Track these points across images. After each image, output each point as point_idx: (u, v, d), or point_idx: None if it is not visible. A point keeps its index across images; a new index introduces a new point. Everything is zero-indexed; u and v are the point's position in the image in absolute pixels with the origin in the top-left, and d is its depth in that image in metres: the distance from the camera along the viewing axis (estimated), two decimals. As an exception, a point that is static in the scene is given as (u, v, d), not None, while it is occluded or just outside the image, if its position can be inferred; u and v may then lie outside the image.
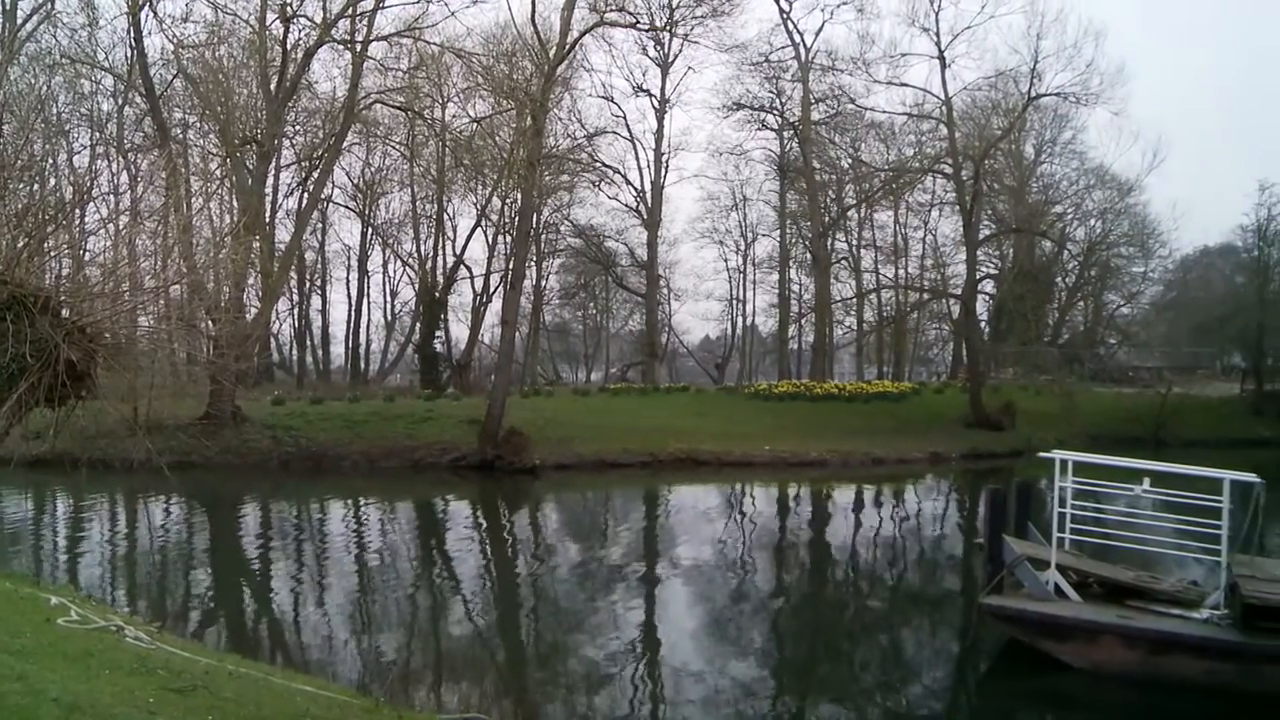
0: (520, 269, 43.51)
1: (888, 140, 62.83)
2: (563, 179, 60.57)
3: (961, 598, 17.85)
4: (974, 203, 50.41)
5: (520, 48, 42.88)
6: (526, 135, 38.57)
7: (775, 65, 58.35)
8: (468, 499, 32.33)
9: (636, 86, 62.83)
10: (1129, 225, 64.23)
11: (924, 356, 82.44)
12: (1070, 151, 66.42)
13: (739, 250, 78.04)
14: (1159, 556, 16.57)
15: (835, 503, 32.94)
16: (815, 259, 60.93)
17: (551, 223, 66.95)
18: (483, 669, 13.97)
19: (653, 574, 20.63)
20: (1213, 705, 11.92)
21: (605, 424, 41.15)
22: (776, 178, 67.16)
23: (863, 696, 12.78)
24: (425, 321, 61.15)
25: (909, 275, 73.24)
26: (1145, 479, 13.87)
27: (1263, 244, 57.60)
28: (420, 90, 44.15)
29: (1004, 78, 51.59)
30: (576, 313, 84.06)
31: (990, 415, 47.32)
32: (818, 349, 61.74)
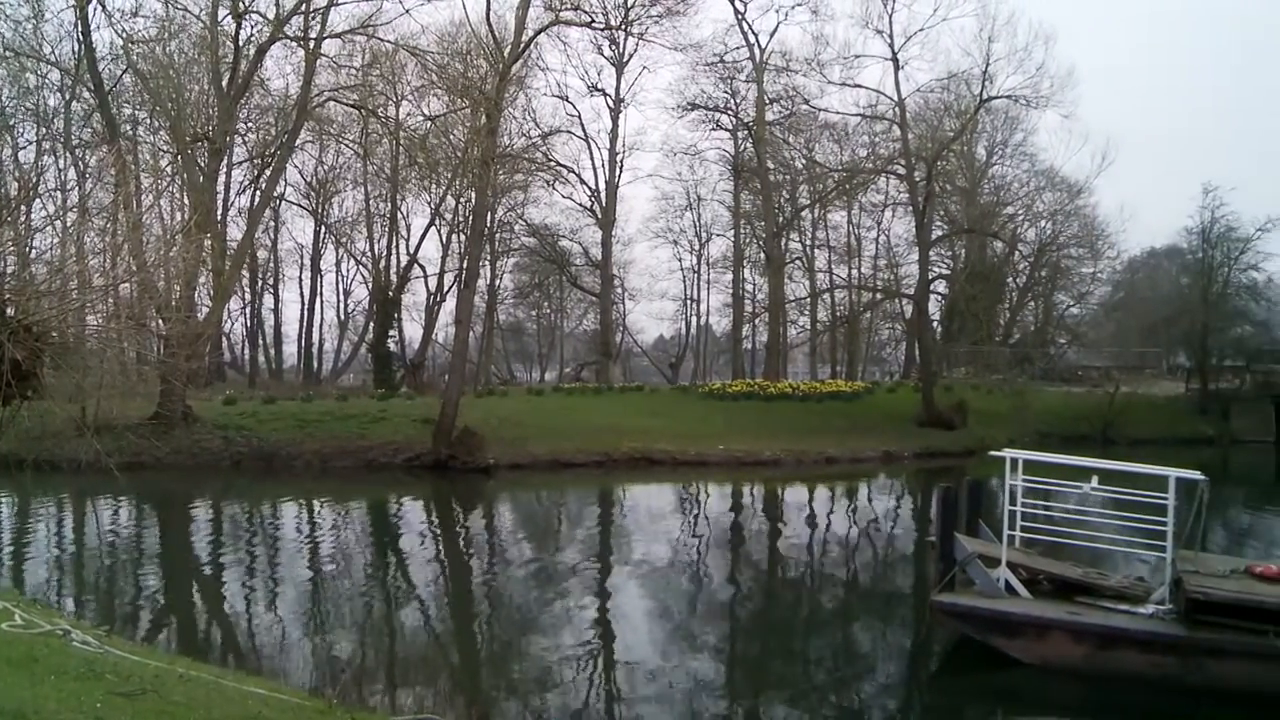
0: (474, 268, 43.37)
1: (841, 141, 63.21)
2: (517, 178, 60.42)
3: (914, 595, 17.99)
4: (926, 203, 50.82)
5: (475, 46, 42.78)
6: (481, 134, 38.42)
7: (730, 66, 58.52)
8: (421, 499, 32.20)
9: (591, 86, 62.84)
10: (1078, 227, 65.03)
11: (877, 356, 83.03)
12: (1021, 153, 67.23)
13: (693, 250, 78.20)
14: (1107, 553, 16.77)
15: (789, 502, 33.10)
16: (769, 259, 61.16)
17: (506, 222, 66.80)
18: (437, 669, 13.93)
19: (607, 573, 20.63)
20: (1157, 698, 12.09)
21: (559, 423, 41.11)
22: (731, 178, 67.34)
23: (816, 693, 12.84)
24: (379, 321, 60.84)
25: (862, 275, 73.77)
26: (1093, 477, 14.05)
27: (1206, 246, 58.50)
28: (374, 88, 43.92)
29: (956, 80, 52.05)
30: (531, 312, 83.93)
31: (942, 414, 47.69)
32: (771, 348, 61.93)
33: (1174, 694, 11.93)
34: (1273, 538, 27.12)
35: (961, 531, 14.39)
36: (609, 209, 63.77)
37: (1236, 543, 24.47)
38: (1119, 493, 14.36)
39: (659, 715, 11.76)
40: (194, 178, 38.14)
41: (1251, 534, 27.34)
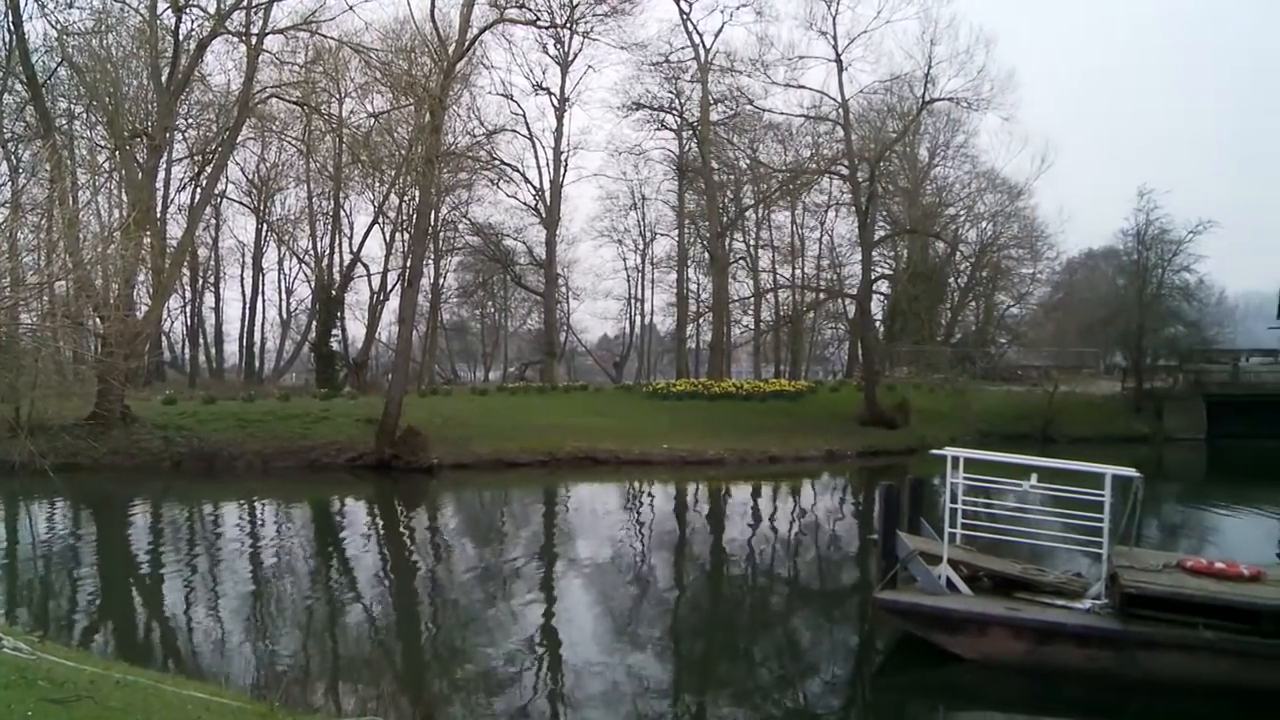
0: (418, 267, 43.08)
1: (785, 141, 63.55)
2: (461, 176, 60.33)
3: (857, 593, 18.12)
4: (869, 204, 51.19)
5: (419, 44, 42.44)
6: (425, 132, 38.21)
7: (675, 65, 58.66)
8: (364, 499, 31.97)
9: (536, 85, 62.77)
10: (1018, 228, 65.96)
11: (820, 355, 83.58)
12: (963, 155, 68.07)
13: (637, 249, 78.28)
14: (1046, 549, 17.02)
15: (733, 500, 33.21)
16: (713, 258, 61.32)
17: (450, 220, 66.60)
18: (381, 671, 13.83)
19: (552, 572, 20.60)
20: (1093, 691, 12.29)
21: (503, 423, 41.00)
22: (675, 177, 67.53)
23: (761, 691, 12.90)
24: (321, 320, 60.28)
25: (806, 275, 74.18)
26: (1033, 475, 14.24)
27: (1142, 248, 59.36)
28: (317, 85, 43.42)
29: (899, 82, 52.45)
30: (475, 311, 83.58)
31: (885, 413, 48.07)
32: (715, 348, 62.11)
33: (1110, 687, 12.14)
34: (1204, 532, 27.64)
35: (903, 529, 14.52)
36: (553, 208, 63.76)
37: (1170, 538, 24.91)
38: (1057, 490, 14.58)
39: (604, 714, 11.76)
40: (132, 174, 37.59)
41: (1184, 529, 27.86)
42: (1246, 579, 12.85)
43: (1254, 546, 24.63)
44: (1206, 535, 27.13)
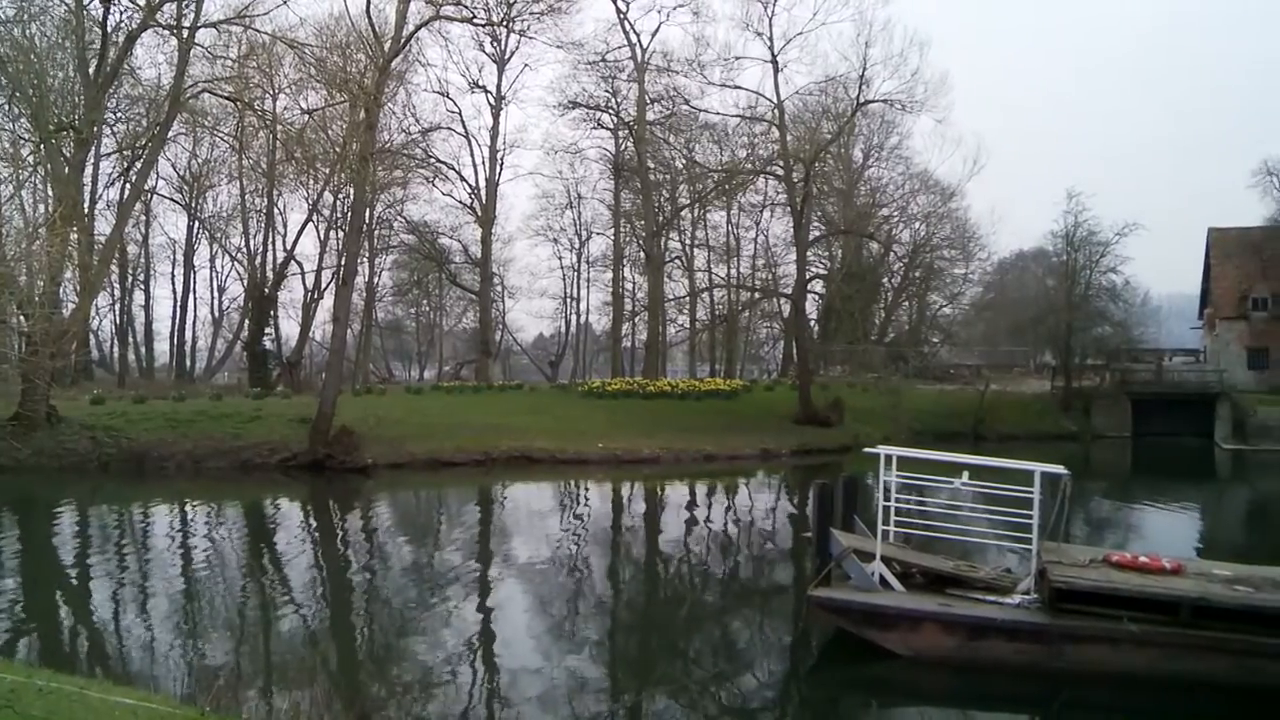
0: (352, 265, 42.74)
1: (721, 141, 63.75)
2: (396, 174, 59.93)
3: (792, 590, 18.25)
4: (804, 204, 51.55)
5: (354, 40, 42.18)
6: (360, 129, 37.90)
7: (611, 65, 58.64)
8: (298, 499, 31.66)
9: (472, 83, 62.42)
10: (951, 229, 66.84)
11: (755, 354, 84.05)
12: (897, 156, 68.81)
13: (573, 248, 78.36)
14: (977, 546, 17.31)
15: (669, 499, 33.28)
16: (649, 258, 61.41)
17: (385, 219, 66.23)
18: (315, 673, 13.67)
19: (488, 573, 20.53)
20: (1022, 684, 12.50)
21: (438, 422, 40.81)
22: (611, 177, 67.57)
23: (697, 689, 12.97)
24: (254, 318, 59.66)
25: (741, 275, 74.53)
26: (964, 473, 14.45)
27: (1070, 249, 60.40)
28: (250, 80, 42.83)
29: (834, 83, 52.86)
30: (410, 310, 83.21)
31: (819, 412, 48.44)
32: (651, 347, 62.22)
33: (1038, 679, 12.36)
34: (1129, 527, 28.22)
35: (837, 527, 14.64)
36: (489, 206, 63.49)
37: (1097, 533, 25.39)
38: (988, 487, 14.79)
39: (541, 715, 11.74)
40: (58, 169, 36.87)
41: (1110, 524, 28.41)
42: (1168, 572, 13.18)
43: (1176, 541, 25.18)
44: (1131, 530, 27.70)
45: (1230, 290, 63.05)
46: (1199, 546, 25.26)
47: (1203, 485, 41.02)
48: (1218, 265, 64.58)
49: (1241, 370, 60.35)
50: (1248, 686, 11.76)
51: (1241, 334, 62.24)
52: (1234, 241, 65.45)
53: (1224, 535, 28.83)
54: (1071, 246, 60.37)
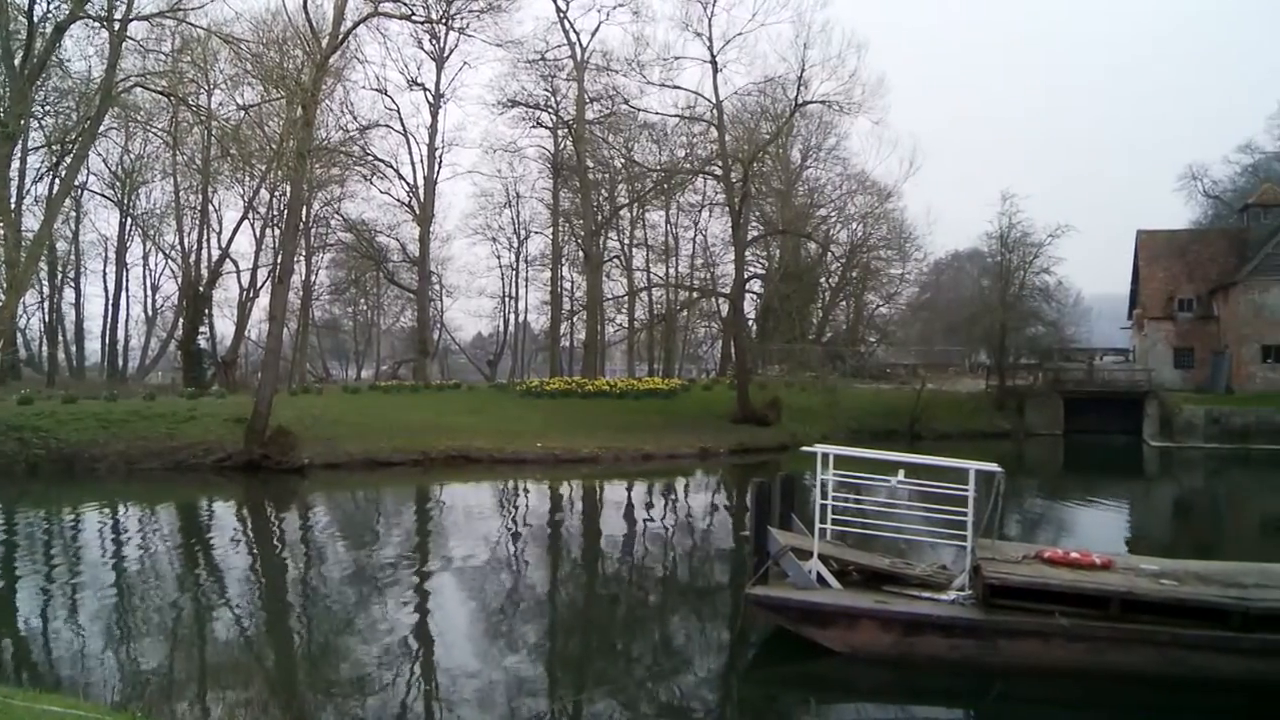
0: (289, 263, 42.33)
1: (660, 141, 63.98)
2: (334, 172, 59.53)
3: (730, 589, 18.32)
4: (743, 204, 51.80)
5: (291, 36, 41.73)
6: (297, 126, 37.46)
7: (551, 64, 58.63)
8: (233, 500, 31.29)
9: (411, 80, 62.17)
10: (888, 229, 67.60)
11: (694, 354, 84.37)
12: (834, 157, 69.44)
13: (512, 247, 78.25)
14: (913, 543, 17.53)
15: (607, 498, 33.31)
16: (587, 257, 61.49)
17: (322, 216, 65.75)
18: (250, 676, 13.52)
19: (426, 573, 20.39)
20: (957, 679, 12.66)
21: (376, 422, 40.58)
22: (550, 175, 67.48)
23: (636, 688, 12.99)
24: (189, 317, 58.89)
25: (679, 274, 74.78)
26: (900, 471, 14.58)
27: (1005, 250, 61.33)
28: (185, 75, 42.07)
29: (773, 84, 53.21)
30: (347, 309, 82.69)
31: (757, 411, 48.74)
32: (589, 346, 62.32)
33: (973, 674, 12.52)
34: (1061, 524, 28.69)
35: (775, 525, 14.72)
36: (427, 205, 63.19)
37: (1030, 530, 25.77)
38: (924, 485, 14.96)
39: (480, 715, 11.70)
40: (-18, 163, 36.06)
41: (1043, 521, 28.84)
42: (1098, 567, 13.43)
43: (1106, 536, 25.65)
44: (1063, 526, 28.17)
45: (1158, 292, 64.29)
46: (1128, 542, 25.74)
47: (1131, 481, 41.79)
48: (1146, 267, 65.84)
49: (1169, 369, 61.61)
50: (1172, 677, 12.03)
51: (1168, 334, 63.50)
52: (1161, 244, 66.77)
53: (1151, 530, 29.41)
54: (1005, 247, 61.31)
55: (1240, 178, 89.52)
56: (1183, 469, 45.26)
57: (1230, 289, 59.47)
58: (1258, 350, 57.72)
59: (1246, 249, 61.05)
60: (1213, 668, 12.00)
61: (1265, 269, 57.63)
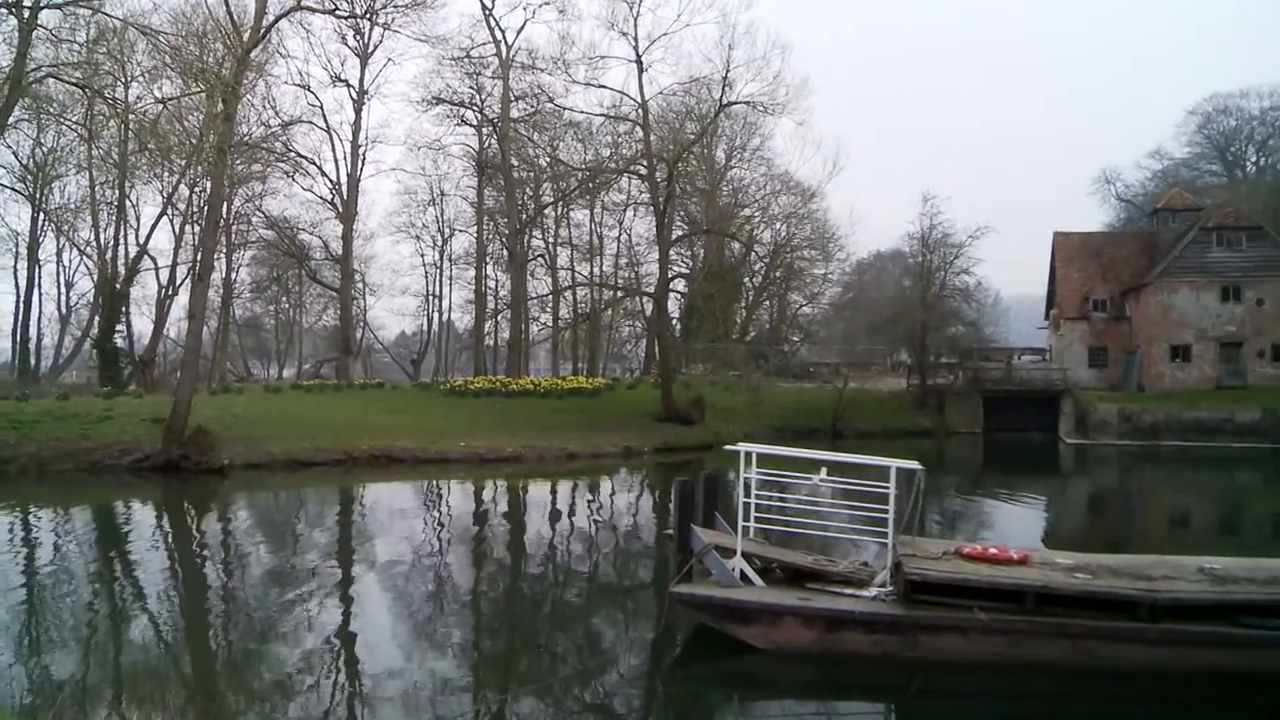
0: (209, 261, 41.71)
1: (585, 140, 63.99)
2: (255, 168, 58.78)
3: (654, 587, 18.38)
4: (667, 204, 51.97)
5: (212, 28, 41.07)
6: (217, 121, 36.89)
7: (476, 61, 58.34)
8: (151, 502, 30.74)
9: (334, 76, 61.58)
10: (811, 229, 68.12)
11: (618, 353, 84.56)
12: (759, 158, 69.90)
13: (436, 246, 77.96)
14: (836, 540, 17.70)
15: (532, 498, 33.25)
16: (512, 256, 61.34)
17: (243, 213, 64.91)
18: (168, 683, 13.28)
19: (348, 574, 20.23)
20: (879, 673, 12.85)
21: (298, 421, 40.14)
22: (475, 174, 67.29)
23: (561, 687, 12.99)
24: (104, 315, 57.67)
25: (604, 273, 74.93)
26: (822, 469, 14.73)
27: (926, 250, 62.17)
28: (100, 66, 41.19)
29: (698, 84, 53.43)
30: (268, 307, 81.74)
31: (681, 410, 48.92)
32: (514, 345, 62.11)
33: (894, 668, 12.69)
34: (980, 520, 29.17)
35: (699, 524, 14.82)
36: (350, 202, 62.63)
37: (950, 526, 26.15)
38: (846, 483, 15.11)
39: (403, 716, 11.64)
40: (-116, 156, 35.06)
41: (963, 517, 29.29)
42: (1015, 562, 13.71)
43: (1023, 532, 26.19)
44: (983, 522, 28.65)
45: (1073, 292, 65.61)
46: (1044, 537, 26.27)
47: (1047, 478, 42.62)
48: (1062, 268, 67.16)
49: (1083, 368, 62.95)
50: (1085, 667, 12.34)
51: (1083, 334, 64.84)
52: (1076, 246, 68.19)
53: (1067, 525, 30.05)
54: (927, 248, 62.16)
55: (1151, 182, 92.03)
56: (1097, 465, 46.24)
57: (1141, 290, 60.88)
58: (1167, 350, 59.14)
59: (1156, 251, 62.67)
60: (1123, 657, 12.35)
61: (1174, 271, 59.09)
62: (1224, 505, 35.33)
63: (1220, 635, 12.23)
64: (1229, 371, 58.08)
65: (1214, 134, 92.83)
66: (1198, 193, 74.76)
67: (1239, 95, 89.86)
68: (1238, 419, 51.36)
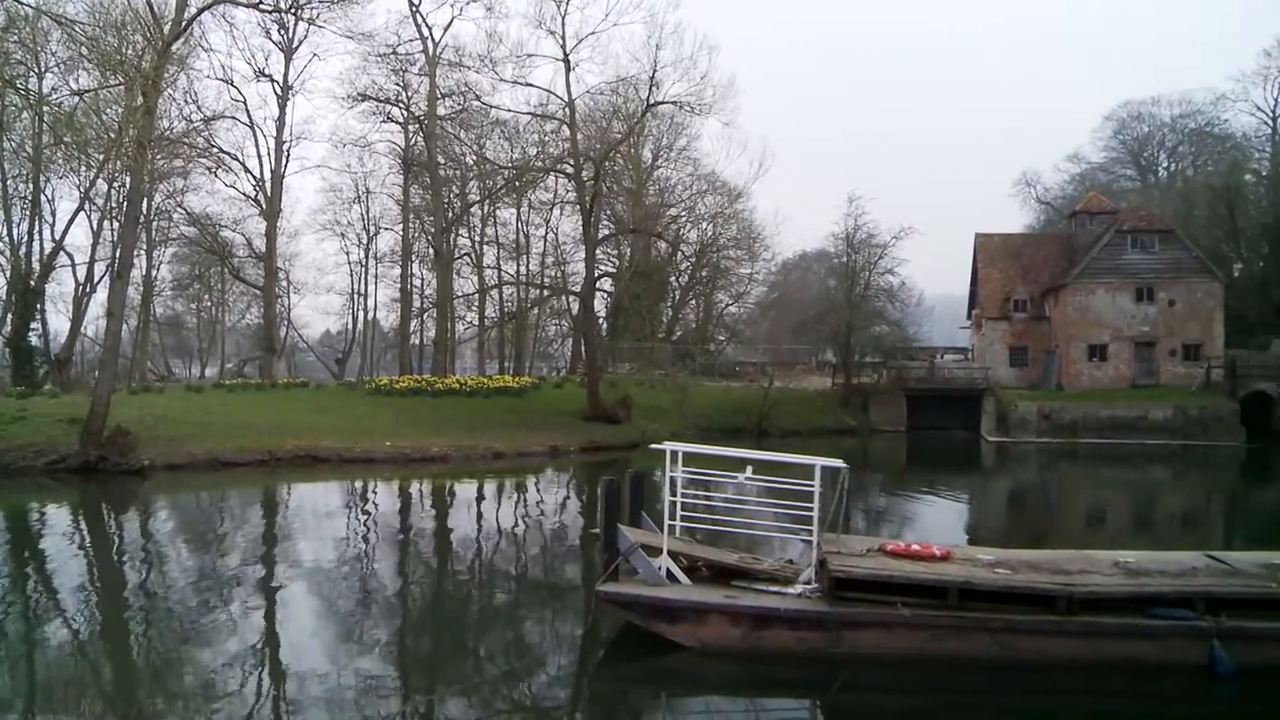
0: (128, 257, 40.90)
1: (512, 139, 63.86)
2: (176, 164, 57.82)
3: (581, 586, 18.42)
4: (594, 203, 51.98)
5: (131, 19, 40.18)
6: (137, 114, 36.13)
7: (403, 58, 57.95)
8: (67, 504, 30.09)
9: (258, 71, 60.73)
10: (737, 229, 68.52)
11: (544, 352, 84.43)
12: (685, 157, 70.15)
13: (361, 244, 77.43)
14: (761, 538, 17.86)
15: (457, 497, 33.13)
16: (438, 254, 61.00)
17: (164, 209, 63.83)
18: (86, 689, 13.04)
19: (272, 576, 20.00)
20: (804, 670, 12.99)
21: (220, 421, 39.61)
22: (400, 171, 66.87)
23: (488, 687, 12.98)
24: (18, 312, 56.24)
25: (530, 272, 74.78)
26: (748, 467, 14.85)
27: (850, 250, 62.89)
28: (11, 55, 40.24)
29: (625, 84, 53.48)
30: (190, 305, 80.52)
31: (607, 409, 48.98)
32: (439, 344, 61.84)
33: (819, 664, 12.86)
34: (903, 517, 29.59)
35: (625, 523, 14.87)
36: (274, 199, 61.89)
37: (875, 523, 26.49)
38: (771, 482, 15.26)
39: (329, 718, 11.56)
40: None
41: (887, 514, 29.71)
42: (938, 559, 13.97)
43: (945, 528, 26.65)
44: (906, 520, 29.07)
45: (995, 293, 66.74)
46: (966, 533, 26.74)
47: (969, 475, 43.34)
48: (984, 269, 68.28)
49: (1004, 367, 64.09)
50: (1005, 661, 12.61)
51: (1004, 334, 65.98)
52: (998, 247, 69.43)
53: (988, 522, 30.64)
54: (851, 248, 62.88)
55: (1069, 185, 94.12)
56: (1017, 463, 47.12)
57: (1060, 291, 62.11)
58: (1084, 349, 60.47)
59: (1075, 253, 64.03)
60: (1042, 650, 12.65)
61: (1091, 273, 60.43)
62: (1138, 500, 36.25)
63: (1133, 627, 12.63)
64: (1143, 371, 59.59)
65: (1128, 139, 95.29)
66: (1114, 196, 76.64)
67: (1151, 103, 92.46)
68: (1151, 416, 52.75)
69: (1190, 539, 25.24)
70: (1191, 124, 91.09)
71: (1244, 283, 70.38)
